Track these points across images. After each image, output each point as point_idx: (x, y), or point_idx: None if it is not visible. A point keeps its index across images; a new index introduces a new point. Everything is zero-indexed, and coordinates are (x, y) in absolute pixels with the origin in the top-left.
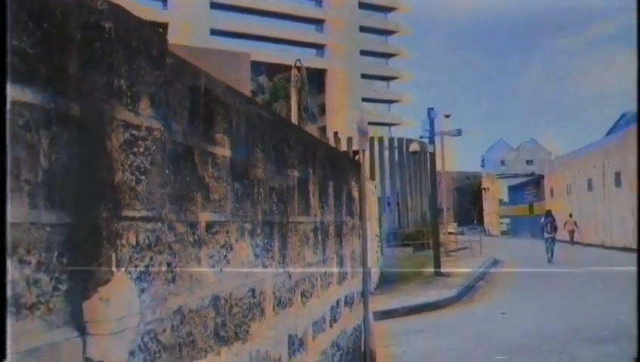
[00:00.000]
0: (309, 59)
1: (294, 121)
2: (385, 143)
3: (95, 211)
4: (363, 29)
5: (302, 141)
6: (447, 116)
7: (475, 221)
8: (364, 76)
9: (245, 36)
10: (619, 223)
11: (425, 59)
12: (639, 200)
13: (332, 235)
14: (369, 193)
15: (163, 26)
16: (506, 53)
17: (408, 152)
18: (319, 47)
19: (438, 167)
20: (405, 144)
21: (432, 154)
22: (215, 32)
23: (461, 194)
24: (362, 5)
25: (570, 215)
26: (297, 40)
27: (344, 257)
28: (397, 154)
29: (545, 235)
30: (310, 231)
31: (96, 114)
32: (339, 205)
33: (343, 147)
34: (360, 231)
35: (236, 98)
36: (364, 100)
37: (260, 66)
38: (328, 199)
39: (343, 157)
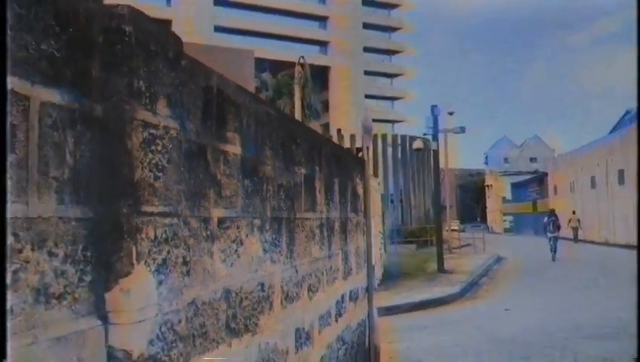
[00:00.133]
0: (313, 56)
1: (298, 118)
2: (388, 140)
3: (116, 207)
4: (366, 26)
5: (308, 138)
6: (450, 113)
7: (479, 218)
8: (367, 73)
9: (249, 33)
10: (622, 221)
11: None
12: (639, 198)
13: (337, 231)
14: (372, 190)
15: (166, 23)
16: (510, 50)
17: (412, 149)
18: (323, 44)
19: (442, 165)
20: (409, 141)
21: (436, 151)
22: (219, 29)
23: (464, 191)
24: (366, 2)
25: (573, 212)
26: (301, 37)
27: (349, 253)
28: (400, 151)
29: (548, 234)
30: (316, 227)
31: (117, 114)
32: (344, 202)
33: (347, 144)
34: (364, 227)
35: (246, 97)
36: (367, 97)
37: (264, 63)
38: (334, 196)
39: (348, 154)
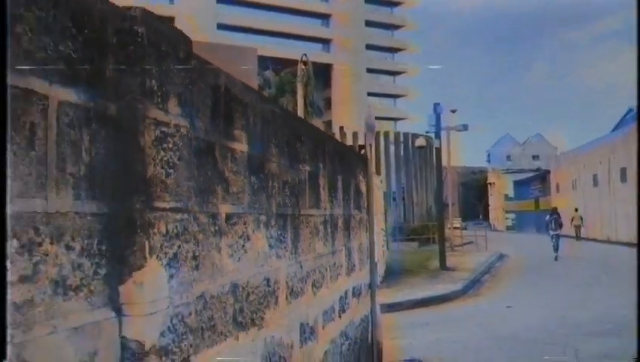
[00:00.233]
0: (315, 53)
1: (300, 116)
2: (391, 138)
3: (130, 202)
4: (369, 24)
5: (312, 136)
6: (453, 111)
7: (481, 216)
8: (369, 71)
9: (251, 31)
10: (624, 219)
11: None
12: (639, 195)
13: (341, 228)
14: (375, 188)
15: (169, 21)
16: (512, 48)
17: (414, 147)
18: (325, 41)
19: (444, 162)
20: (411, 139)
21: (438, 149)
22: (222, 27)
23: (467, 189)
24: (368, 0)
25: (576, 210)
26: (303, 34)
27: (352, 249)
28: (403, 149)
29: (550, 232)
30: (320, 223)
31: (130, 113)
32: (347, 199)
33: (349, 141)
34: (367, 224)
35: (253, 96)
36: (369, 95)
37: (267, 61)
38: (337, 193)
39: (351, 152)
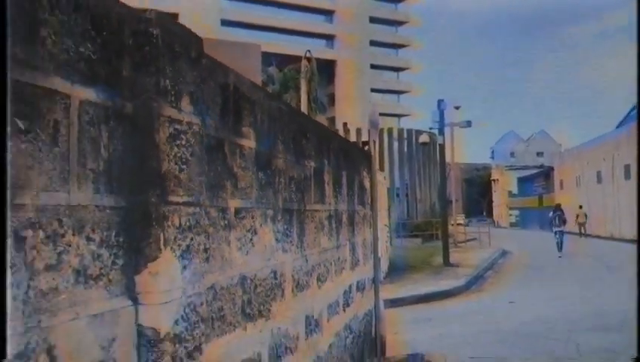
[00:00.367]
0: (319, 49)
1: (304, 112)
2: (394, 134)
3: (146, 196)
4: (373, 20)
5: (317, 133)
6: (456, 108)
7: (484, 213)
8: (373, 67)
9: (255, 27)
10: (628, 215)
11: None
12: (639, 194)
13: (345, 223)
14: (379, 184)
15: (173, 17)
16: (517, 44)
17: (418, 143)
18: (329, 37)
19: (448, 159)
20: (415, 135)
21: (442, 145)
22: (225, 23)
23: (470, 185)
24: None
25: (580, 206)
26: (307, 31)
27: (356, 244)
28: (406, 145)
29: (553, 229)
30: (325, 218)
31: (146, 111)
32: (351, 195)
33: (353, 138)
34: (371, 220)
35: (260, 94)
36: (373, 91)
37: (271, 57)
38: (342, 189)
39: (355, 148)
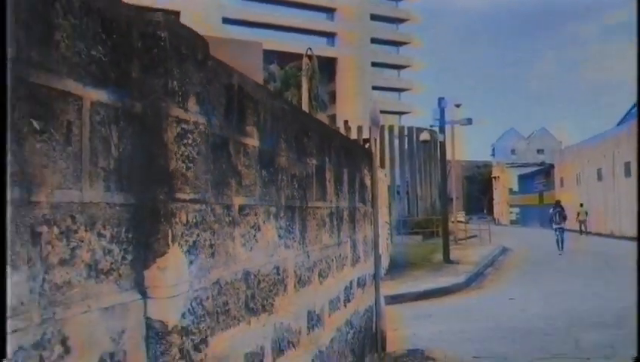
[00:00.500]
0: (320, 47)
1: (305, 109)
2: (395, 132)
3: (154, 194)
4: (374, 17)
5: (319, 131)
6: (457, 105)
7: (485, 210)
8: (374, 64)
9: (257, 25)
10: (628, 213)
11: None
12: (639, 191)
13: (346, 220)
14: (379, 181)
15: (175, 15)
16: (518, 41)
17: (418, 141)
18: (330, 35)
19: (448, 156)
20: (415, 133)
21: (443, 143)
22: (227, 21)
23: (471, 183)
24: None
25: (581, 204)
26: (308, 28)
27: (357, 241)
28: (407, 142)
29: (553, 226)
30: (326, 215)
31: (154, 111)
32: (352, 192)
33: (354, 135)
34: (372, 217)
35: (263, 93)
36: (374, 88)
37: (272, 55)
38: (343, 186)
39: (356, 145)
